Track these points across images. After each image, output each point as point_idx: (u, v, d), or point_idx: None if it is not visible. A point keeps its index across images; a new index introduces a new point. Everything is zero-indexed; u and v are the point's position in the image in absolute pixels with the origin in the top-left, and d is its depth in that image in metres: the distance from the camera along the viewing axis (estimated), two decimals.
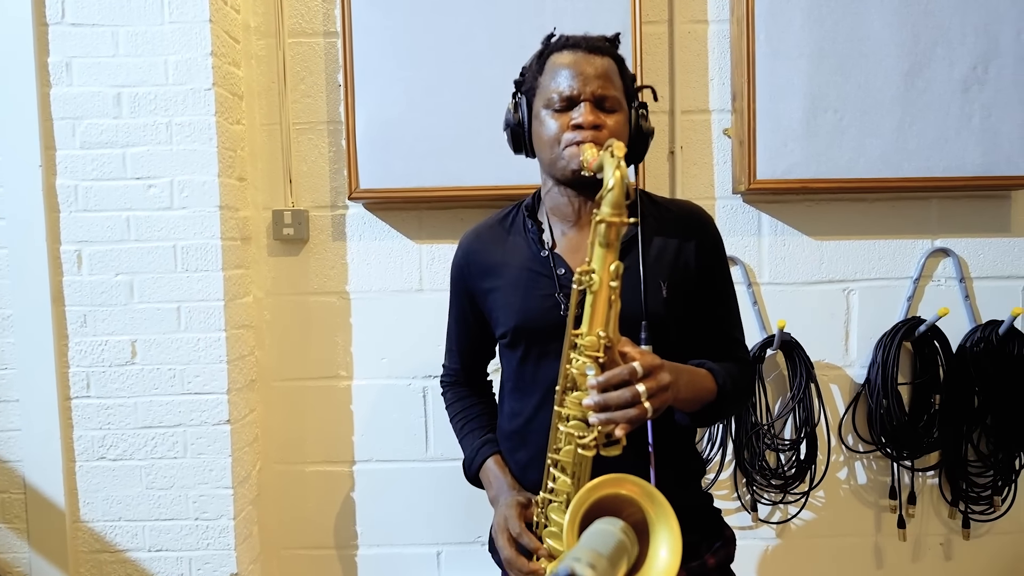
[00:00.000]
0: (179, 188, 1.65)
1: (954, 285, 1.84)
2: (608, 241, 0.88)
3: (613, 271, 0.88)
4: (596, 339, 0.88)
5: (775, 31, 1.71)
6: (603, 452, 0.90)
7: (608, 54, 1.06)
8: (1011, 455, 1.79)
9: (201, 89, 1.63)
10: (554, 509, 0.98)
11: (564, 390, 0.95)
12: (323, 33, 1.82)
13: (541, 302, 1.07)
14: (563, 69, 1.04)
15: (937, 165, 1.73)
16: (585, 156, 0.97)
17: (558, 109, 1.04)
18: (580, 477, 0.94)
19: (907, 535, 1.86)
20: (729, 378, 1.05)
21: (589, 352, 0.89)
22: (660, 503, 0.79)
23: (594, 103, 1.02)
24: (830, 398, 1.86)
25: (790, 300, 1.84)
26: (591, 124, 1.01)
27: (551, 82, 1.05)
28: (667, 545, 0.76)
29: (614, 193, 0.86)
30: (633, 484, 0.80)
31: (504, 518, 1.06)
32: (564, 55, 1.06)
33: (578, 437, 0.92)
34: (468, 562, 1.89)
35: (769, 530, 1.88)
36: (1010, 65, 1.70)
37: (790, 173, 1.73)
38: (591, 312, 0.89)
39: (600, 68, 1.03)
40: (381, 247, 1.85)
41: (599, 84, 1.02)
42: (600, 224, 0.88)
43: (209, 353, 1.67)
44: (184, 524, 1.69)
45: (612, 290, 0.89)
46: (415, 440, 1.87)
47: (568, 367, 0.93)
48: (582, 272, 0.90)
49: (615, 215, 0.87)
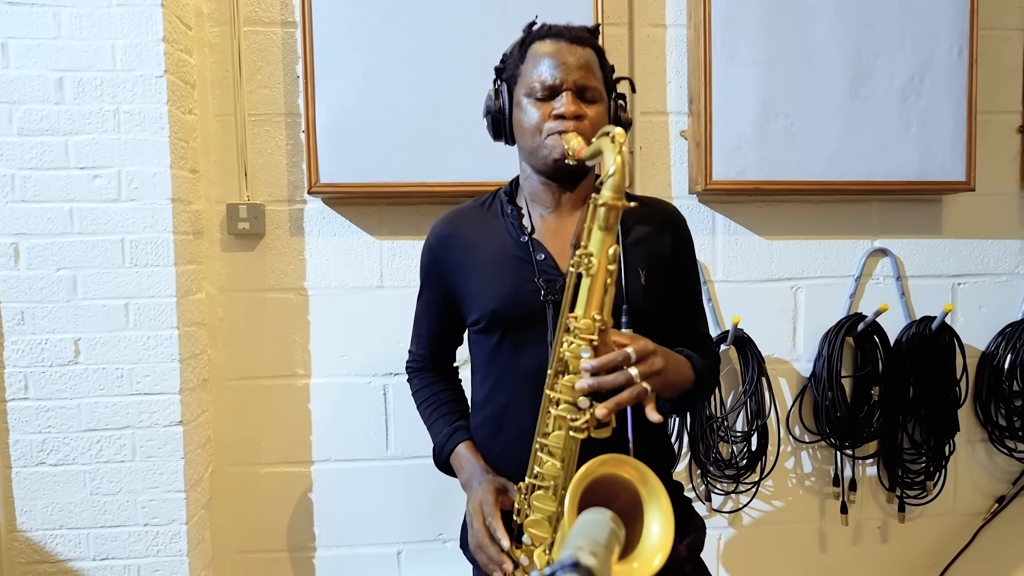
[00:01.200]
0: (128, 179, 1.58)
1: (891, 283, 1.96)
2: (608, 225, 0.89)
3: (612, 255, 0.89)
4: (591, 322, 0.89)
5: (730, 38, 1.77)
6: (594, 434, 0.90)
7: (589, 45, 1.07)
8: (941, 442, 1.92)
9: (152, 76, 1.57)
10: (539, 496, 0.98)
11: (556, 374, 0.95)
12: (281, 23, 1.77)
13: (520, 287, 1.07)
14: (545, 58, 1.05)
15: (877, 170, 1.83)
16: (571, 145, 0.98)
17: (540, 98, 1.04)
18: (568, 461, 0.94)
19: (849, 520, 1.97)
20: (705, 367, 1.09)
21: (584, 335, 0.89)
22: (653, 485, 0.81)
23: (576, 93, 1.03)
24: (779, 391, 1.95)
25: (742, 297, 1.91)
26: (573, 114, 1.02)
27: (533, 70, 1.05)
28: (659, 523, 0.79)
29: (616, 178, 0.87)
30: (631, 466, 0.82)
31: (480, 502, 1.06)
32: (546, 44, 1.06)
33: (570, 420, 0.92)
34: (429, 561, 1.88)
35: (722, 519, 1.95)
36: (943, 77, 1.82)
37: (743, 175, 1.79)
38: (587, 295, 0.90)
39: (582, 58, 1.04)
40: (341, 243, 1.82)
41: (581, 74, 1.03)
42: (601, 207, 0.89)
43: (160, 352, 1.60)
44: (132, 530, 1.62)
45: (609, 274, 0.89)
46: (375, 439, 1.85)
47: (561, 350, 0.93)
48: (581, 255, 0.90)
49: (616, 199, 0.88)
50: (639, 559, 0.82)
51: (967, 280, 1.98)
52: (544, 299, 1.05)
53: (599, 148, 0.91)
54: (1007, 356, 1.93)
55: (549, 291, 1.05)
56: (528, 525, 1.00)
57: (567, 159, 1.00)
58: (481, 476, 1.11)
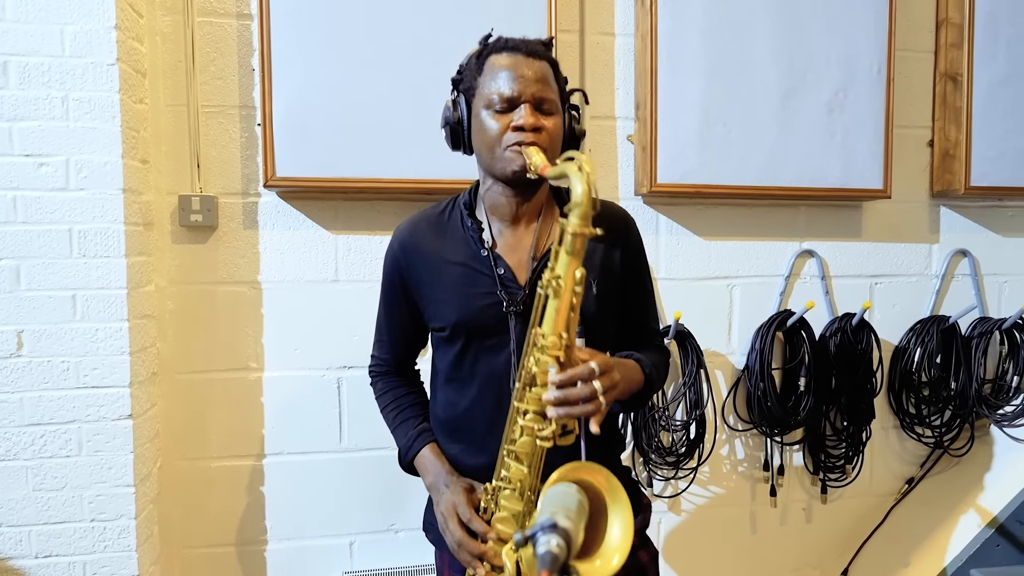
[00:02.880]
0: (76, 168, 1.54)
1: (817, 282, 2.11)
2: (575, 250, 0.94)
3: (577, 278, 0.95)
4: (558, 339, 0.95)
5: (675, 48, 1.87)
6: (559, 442, 0.98)
7: (545, 58, 1.12)
8: (859, 429, 2.09)
9: (103, 64, 1.54)
10: (506, 496, 1.04)
11: (525, 386, 1.00)
12: (236, 15, 1.77)
13: (481, 299, 1.12)
14: (503, 71, 1.08)
15: (805, 177, 1.97)
16: (533, 161, 1.02)
17: (499, 110, 1.08)
18: (534, 465, 1.01)
19: (777, 502, 2.12)
20: (653, 368, 1.17)
21: (551, 352, 0.96)
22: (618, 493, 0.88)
23: (533, 105, 1.07)
24: (716, 382, 2.07)
25: (682, 294, 2.03)
26: (532, 126, 1.06)
27: (491, 83, 1.08)
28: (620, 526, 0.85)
29: (583, 207, 0.92)
30: (603, 476, 0.89)
31: (453, 504, 1.10)
32: (503, 57, 1.09)
33: (537, 430, 0.98)
34: (381, 551, 1.91)
35: (662, 504, 2.06)
36: (865, 93, 1.98)
37: (686, 178, 1.90)
38: (555, 315, 0.96)
39: (539, 71, 1.09)
40: (295, 236, 1.83)
41: (539, 87, 1.08)
42: (568, 235, 0.94)
43: (109, 344, 1.57)
44: (78, 526, 1.59)
45: (575, 295, 0.95)
46: (329, 431, 1.87)
47: (530, 364, 0.99)
48: (549, 278, 0.95)
49: (583, 226, 0.93)
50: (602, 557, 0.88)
51: (883, 280, 2.16)
52: (507, 310, 1.11)
53: (564, 172, 0.95)
54: (917, 350, 2.12)
55: (511, 302, 1.11)
56: (495, 522, 1.06)
57: (528, 173, 1.04)
58: (447, 478, 1.15)
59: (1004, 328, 2.13)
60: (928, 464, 2.20)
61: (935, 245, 2.18)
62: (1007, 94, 2.06)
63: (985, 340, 2.13)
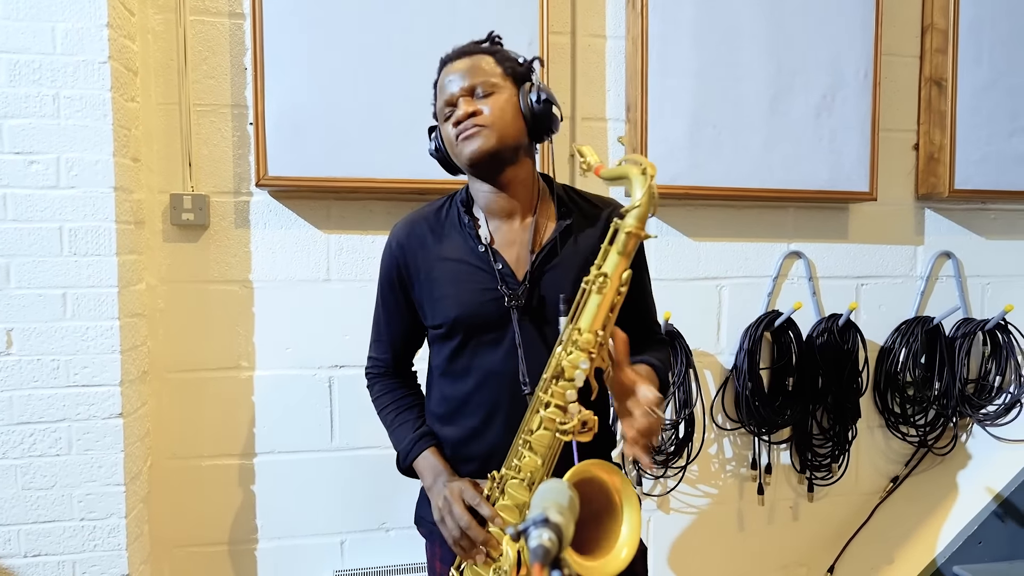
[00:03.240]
0: (67, 166, 1.54)
1: (804, 283, 2.14)
2: (627, 250, 0.97)
3: (624, 278, 0.97)
4: (594, 336, 0.97)
5: (665, 51, 1.89)
6: (578, 438, 0.99)
7: (475, 52, 1.16)
8: (845, 428, 2.11)
9: (95, 62, 1.54)
10: (514, 485, 1.05)
11: (552, 378, 1.01)
12: (228, 14, 1.77)
13: (481, 295, 1.14)
14: (444, 82, 1.15)
15: (794, 179, 2.00)
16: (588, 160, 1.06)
17: (448, 116, 1.14)
18: (547, 458, 1.02)
19: (764, 500, 2.14)
20: (660, 363, 1.19)
21: (584, 347, 0.97)
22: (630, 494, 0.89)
23: (471, 96, 1.12)
24: (704, 382, 2.09)
25: (672, 294, 2.05)
26: (465, 115, 1.10)
27: (440, 98, 1.16)
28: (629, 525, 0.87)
29: (641, 209, 0.96)
30: (619, 477, 0.90)
31: (459, 489, 1.10)
32: (445, 70, 1.16)
33: (559, 423, 0.99)
34: (372, 549, 1.92)
35: (651, 503, 2.08)
36: (852, 97, 2.01)
37: (675, 180, 1.92)
38: (595, 311, 0.97)
39: (467, 65, 1.13)
40: (287, 236, 1.83)
41: (469, 78, 1.12)
42: (623, 234, 0.96)
43: (100, 343, 1.57)
44: (68, 525, 1.58)
45: (619, 294, 0.97)
46: (320, 430, 1.87)
47: (561, 357, 1.00)
48: (596, 274, 0.97)
49: (639, 228, 0.96)
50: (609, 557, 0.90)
51: (869, 281, 2.19)
52: (509, 304, 1.12)
53: (625, 174, 0.98)
54: (902, 350, 2.15)
55: (512, 297, 1.12)
56: (499, 510, 1.06)
57: (583, 173, 1.09)
58: (448, 477, 1.15)
59: (987, 329, 2.17)
60: (913, 463, 2.23)
61: (920, 247, 2.22)
62: (990, 99, 2.10)
63: (968, 341, 2.16)
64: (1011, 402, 2.15)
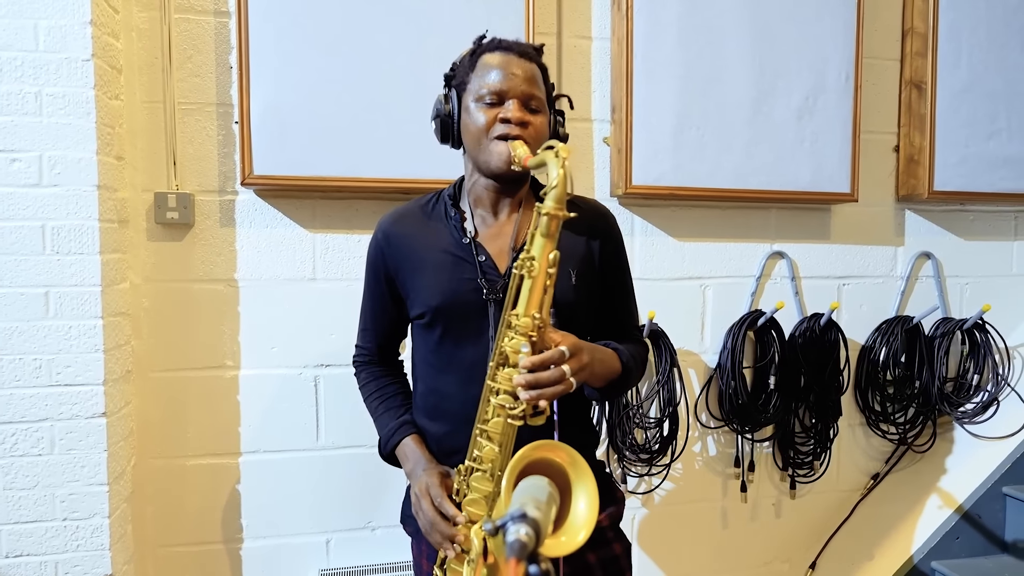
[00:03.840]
0: (50, 164, 1.53)
1: (787, 283, 2.17)
2: (549, 232, 0.99)
3: (551, 259, 0.99)
4: (531, 320, 0.99)
5: (650, 53, 1.91)
6: (530, 421, 1.00)
7: (535, 60, 1.17)
8: (827, 426, 2.14)
9: (78, 59, 1.53)
10: (477, 478, 1.07)
11: (498, 365, 1.03)
12: (213, 12, 1.76)
13: (462, 285, 1.15)
14: (495, 68, 1.13)
15: (776, 180, 2.02)
16: (517, 152, 1.07)
17: (488, 103, 1.12)
18: (505, 446, 1.03)
19: (747, 498, 2.17)
20: (631, 357, 1.20)
21: (523, 331, 0.99)
22: (582, 468, 0.91)
23: (521, 102, 1.12)
24: (688, 381, 2.11)
25: (657, 294, 2.07)
26: (519, 120, 1.10)
27: (483, 78, 1.13)
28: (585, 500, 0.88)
29: (558, 189, 0.98)
30: (565, 452, 0.91)
31: (427, 485, 1.12)
32: (496, 56, 1.14)
33: (508, 409, 1.01)
34: (358, 548, 1.92)
35: (636, 500, 2.10)
36: (833, 100, 2.03)
37: (660, 180, 1.94)
38: (528, 295, 0.99)
39: (528, 71, 1.14)
40: (273, 235, 1.83)
41: (527, 85, 1.12)
42: (544, 216, 0.98)
43: (83, 342, 1.56)
44: (50, 525, 1.57)
45: (549, 276, 0.99)
46: (306, 429, 1.87)
47: (503, 344, 1.02)
48: (524, 259, 0.99)
49: (558, 209, 0.98)
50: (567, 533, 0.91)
51: (850, 281, 2.22)
52: (486, 298, 1.14)
53: (543, 160, 1.01)
54: (882, 349, 2.18)
55: (491, 290, 1.14)
56: (466, 504, 1.08)
57: (512, 165, 1.08)
58: (426, 465, 1.17)
59: (965, 328, 2.21)
60: (893, 460, 2.27)
61: (900, 248, 2.25)
62: (969, 102, 2.13)
63: (947, 340, 2.20)
64: (988, 400, 2.19)
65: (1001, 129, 2.16)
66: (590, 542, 1.16)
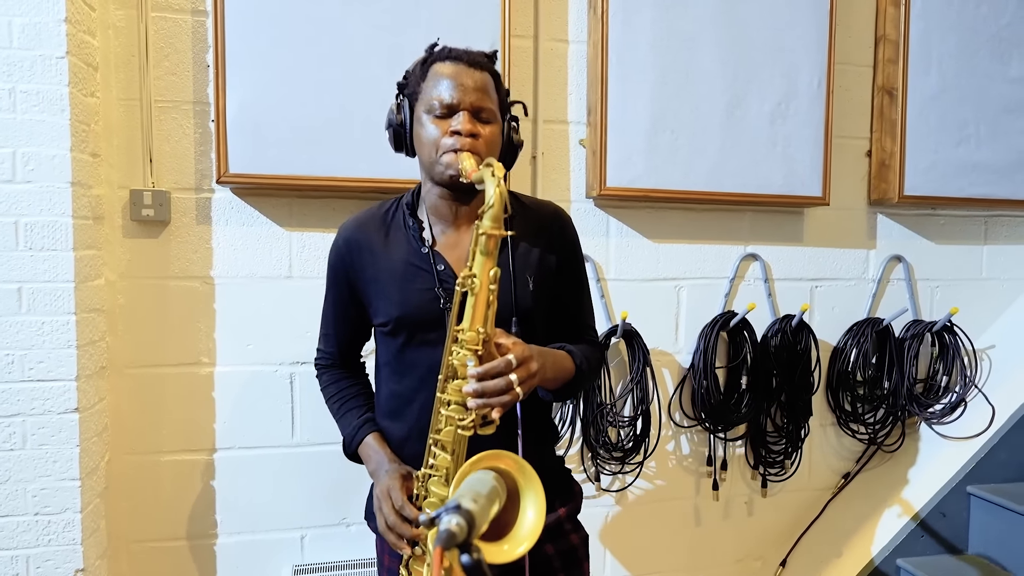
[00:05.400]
0: (23, 160, 1.54)
1: (760, 285, 2.20)
2: (488, 250, 1.01)
3: (492, 276, 1.01)
4: (476, 334, 1.01)
5: (625, 56, 1.94)
6: (479, 431, 1.03)
7: (486, 69, 1.17)
8: (798, 426, 2.18)
9: (52, 57, 1.54)
10: (434, 482, 1.09)
11: (446, 378, 1.06)
12: (191, 11, 1.77)
13: (421, 295, 1.17)
14: (445, 79, 1.13)
15: (750, 183, 2.05)
16: (464, 165, 1.08)
17: (439, 115, 1.13)
18: (458, 453, 1.06)
19: (720, 496, 2.20)
20: (585, 359, 1.22)
21: (469, 346, 1.01)
22: (530, 475, 0.92)
23: (472, 113, 1.13)
24: (662, 380, 2.14)
25: (632, 294, 2.09)
26: (469, 132, 1.11)
27: (433, 89, 1.14)
28: (534, 508, 0.90)
29: (495, 209, 0.99)
30: (509, 459, 0.93)
31: (387, 488, 1.14)
32: (447, 65, 1.15)
33: (458, 420, 1.03)
34: (332, 544, 1.94)
35: (610, 498, 2.12)
36: (805, 105, 2.07)
37: (634, 183, 1.97)
38: (472, 311, 1.01)
39: (479, 81, 1.14)
40: (249, 233, 1.84)
41: (477, 96, 1.13)
42: (482, 236, 1.00)
43: (56, 338, 1.57)
44: (21, 520, 1.58)
45: (491, 292, 1.01)
46: (281, 426, 1.88)
47: (450, 358, 1.05)
48: (465, 276, 1.01)
49: (495, 228, 1.00)
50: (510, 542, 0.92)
51: (823, 283, 2.25)
52: (444, 307, 1.16)
53: (483, 178, 1.02)
54: (853, 350, 2.22)
55: (448, 299, 1.16)
56: (426, 507, 1.11)
57: (461, 177, 1.09)
58: (388, 465, 1.19)
59: (935, 331, 2.25)
60: (863, 460, 2.30)
61: (872, 251, 2.29)
62: (939, 108, 2.17)
63: (917, 342, 2.24)
64: (956, 401, 2.23)
65: (970, 135, 2.20)
66: (549, 534, 1.20)
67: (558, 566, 1.23)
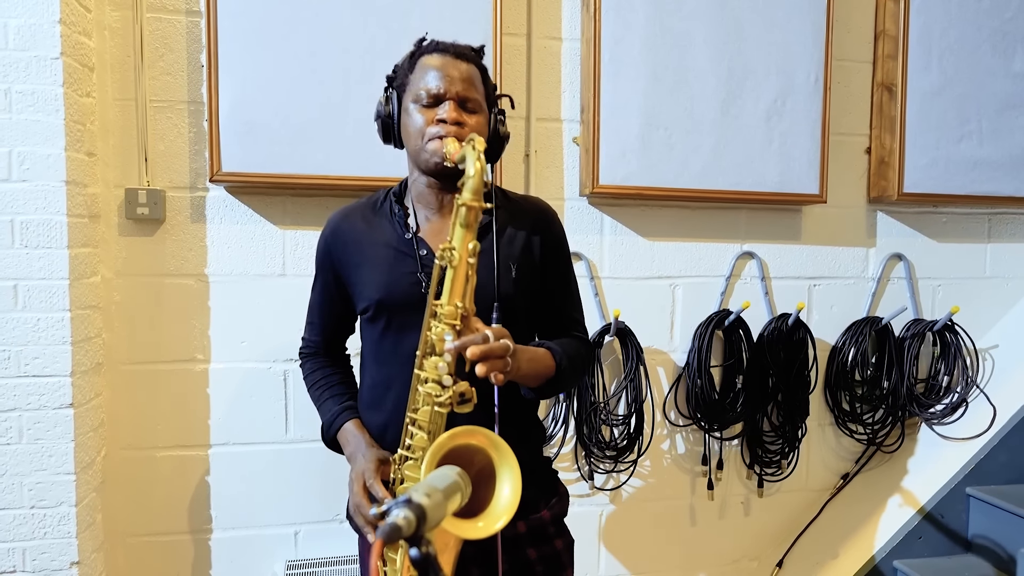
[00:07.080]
0: (19, 159, 1.56)
1: (756, 283, 2.18)
2: (467, 222, 1.02)
3: (471, 249, 1.02)
4: (454, 309, 1.01)
5: (618, 54, 1.93)
6: (457, 409, 1.02)
7: (473, 62, 1.20)
8: (795, 425, 2.16)
9: (47, 58, 1.56)
10: (410, 466, 1.09)
11: (424, 355, 1.06)
12: (185, 11, 1.79)
13: (403, 279, 1.18)
14: (432, 69, 1.16)
15: (745, 181, 2.04)
16: (448, 149, 1.10)
17: (425, 105, 1.16)
18: (435, 434, 1.05)
19: (715, 496, 2.18)
20: (566, 356, 1.20)
21: (448, 320, 1.02)
22: (504, 451, 0.93)
23: (458, 103, 1.15)
24: (656, 379, 2.13)
25: (626, 293, 2.09)
26: (454, 120, 1.13)
27: (420, 80, 1.17)
28: (509, 484, 0.90)
29: (474, 180, 1.01)
30: (483, 435, 0.93)
31: (362, 471, 1.15)
32: (434, 57, 1.18)
33: (435, 397, 1.03)
34: (326, 540, 1.95)
35: (603, 497, 2.12)
36: (802, 101, 2.05)
37: (628, 180, 1.96)
38: (451, 285, 1.02)
39: (465, 72, 1.17)
40: (243, 231, 1.86)
41: (463, 86, 1.16)
42: (461, 207, 1.01)
43: (51, 334, 1.60)
44: (17, 513, 1.61)
45: (470, 266, 1.02)
46: (275, 422, 1.90)
47: (428, 333, 1.05)
48: (444, 248, 1.02)
49: (475, 200, 1.01)
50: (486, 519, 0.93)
51: (821, 282, 2.23)
52: (424, 291, 1.16)
53: (464, 154, 1.04)
54: (851, 349, 2.19)
55: (429, 283, 1.16)
56: (400, 492, 1.10)
57: (445, 162, 1.11)
58: (365, 449, 1.20)
59: (935, 330, 2.22)
60: (863, 460, 2.28)
61: (872, 249, 2.26)
62: (939, 105, 2.14)
63: (918, 341, 2.21)
64: (957, 401, 2.20)
65: (972, 132, 2.17)
66: (532, 538, 1.20)
67: (540, 571, 1.22)
